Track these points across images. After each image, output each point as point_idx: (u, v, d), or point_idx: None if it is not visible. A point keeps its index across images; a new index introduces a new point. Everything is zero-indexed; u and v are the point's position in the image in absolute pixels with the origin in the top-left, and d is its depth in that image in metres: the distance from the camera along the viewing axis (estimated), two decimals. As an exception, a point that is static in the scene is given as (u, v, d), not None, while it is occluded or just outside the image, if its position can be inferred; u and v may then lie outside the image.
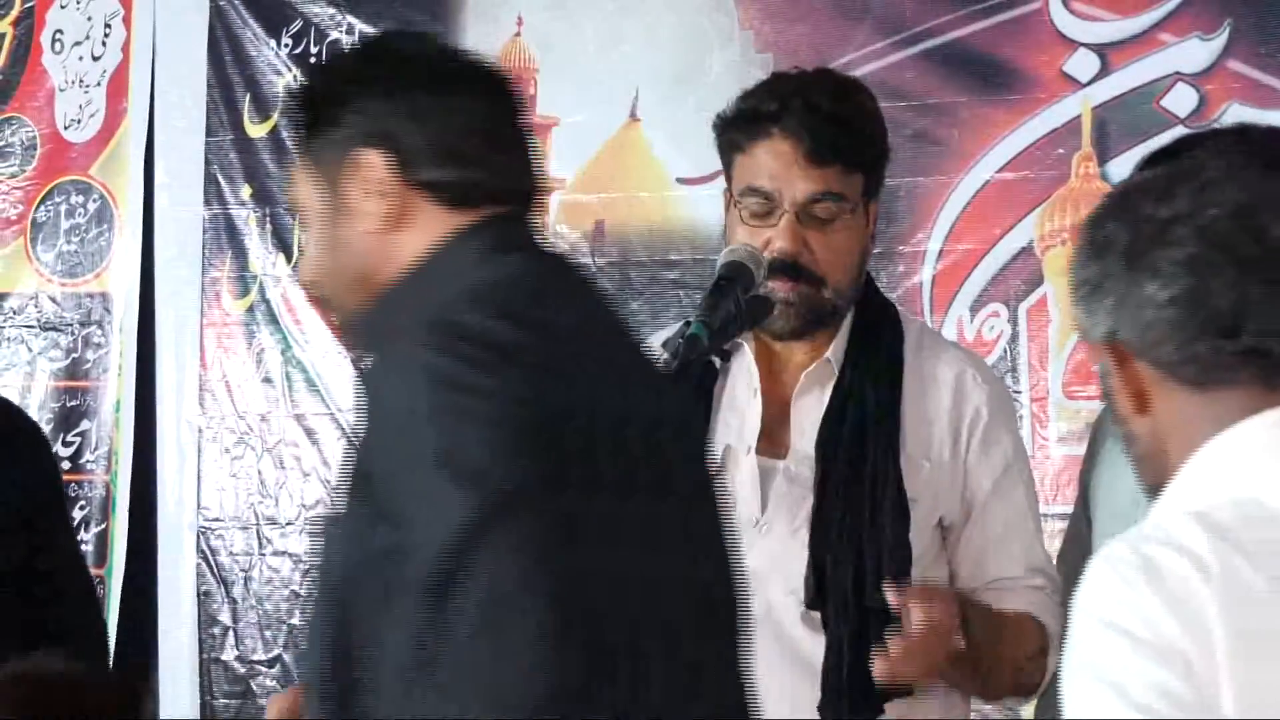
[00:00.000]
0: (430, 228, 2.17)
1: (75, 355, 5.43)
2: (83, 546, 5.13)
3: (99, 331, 5.39)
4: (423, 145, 2.17)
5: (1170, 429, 1.91)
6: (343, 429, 5.14)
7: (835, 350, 2.96)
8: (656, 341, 2.89)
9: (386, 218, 2.18)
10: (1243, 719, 1.72)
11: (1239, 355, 1.88)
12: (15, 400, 5.13)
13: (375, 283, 2.18)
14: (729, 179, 3.00)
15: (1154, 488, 1.94)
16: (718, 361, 2.95)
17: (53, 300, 5.48)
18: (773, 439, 2.96)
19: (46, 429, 5.27)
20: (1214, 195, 1.90)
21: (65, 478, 5.20)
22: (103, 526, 5.30)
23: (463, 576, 1.92)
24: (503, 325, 2.05)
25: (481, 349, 2.01)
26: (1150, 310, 1.88)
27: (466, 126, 2.18)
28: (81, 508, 5.32)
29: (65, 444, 5.36)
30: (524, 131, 2.25)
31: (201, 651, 5.21)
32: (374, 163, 2.17)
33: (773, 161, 2.92)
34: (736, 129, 2.97)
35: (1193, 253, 1.87)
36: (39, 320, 5.49)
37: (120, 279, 5.40)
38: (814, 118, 2.91)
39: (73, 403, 5.41)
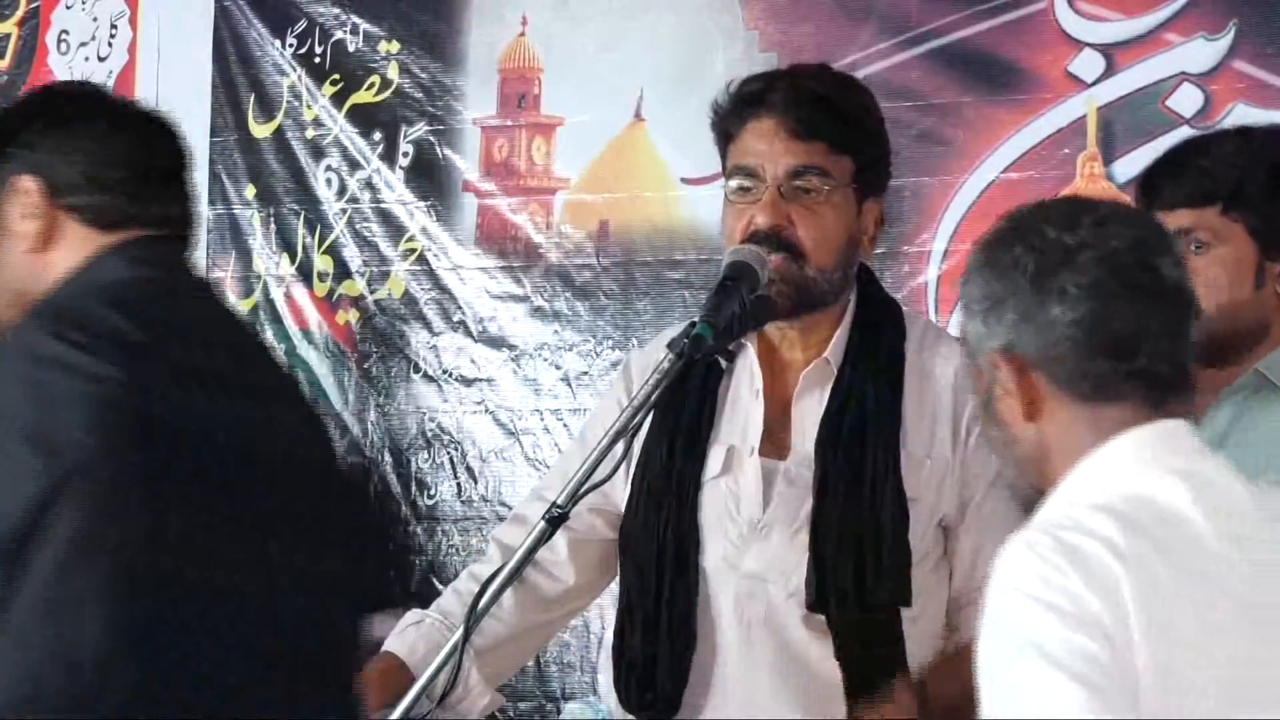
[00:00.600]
0: (79, 246, 2.45)
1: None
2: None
3: None
4: (73, 175, 2.46)
5: (1057, 437, 2.10)
6: (346, 428, 5.12)
7: (834, 350, 2.93)
8: (662, 341, 2.86)
9: (39, 237, 2.46)
10: (1155, 680, 1.92)
11: (1130, 375, 2.09)
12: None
13: (30, 297, 2.43)
14: (724, 171, 2.98)
15: (1032, 488, 2.15)
16: (723, 362, 2.91)
17: (60, 301, 5.45)
18: (775, 440, 2.93)
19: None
20: (1114, 228, 2.11)
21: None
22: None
23: (36, 537, 2.16)
24: (113, 315, 2.30)
25: (85, 333, 2.25)
26: (1055, 329, 2.07)
27: (115, 160, 2.48)
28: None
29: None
30: (180, 167, 2.54)
31: None
32: (29, 188, 2.45)
33: (757, 140, 2.91)
34: (728, 117, 2.95)
35: (1097, 279, 2.07)
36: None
37: None
38: (799, 95, 2.90)
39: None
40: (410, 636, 3.01)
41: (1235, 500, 2.09)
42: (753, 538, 2.89)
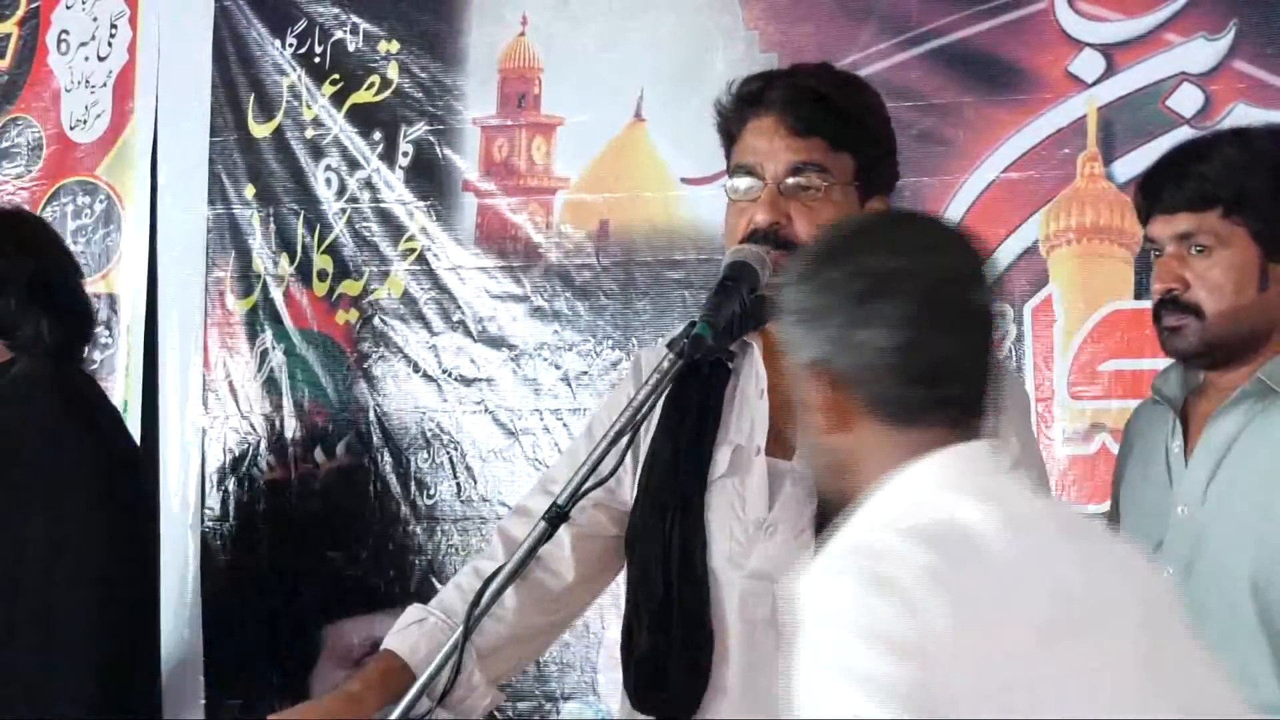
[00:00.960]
0: None
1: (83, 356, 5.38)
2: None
3: (106, 332, 5.34)
4: None
5: (864, 453, 2.17)
6: (345, 428, 5.10)
7: None
8: (664, 343, 2.85)
9: None
10: (969, 701, 1.98)
11: (938, 401, 2.17)
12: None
13: None
14: (729, 171, 2.97)
15: (835, 495, 2.23)
16: (729, 363, 2.91)
17: (60, 300, 5.43)
18: (781, 440, 2.92)
19: (54, 429, 5.24)
20: (935, 256, 2.19)
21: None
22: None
23: None
24: None
25: None
26: (869, 352, 2.13)
27: None
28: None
29: (74, 444, 5.30)
30: None
31: (206, 654, 5.16)
32: None
33: (757, 138, 2.91)
34: (730, 117, 2.95)
35: (916, 308, 2.14)
36: (45, 320, 5.43)
37: (127, 280, 5.35)
38: (797, 93, 2.89)
39: (81, 403, 5.36)
40: (413, 635, 2.99)
41: (1034, 517, 2.17)
42: (758, 537, 2.88)
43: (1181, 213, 3.06)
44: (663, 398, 2.89)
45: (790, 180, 2.87)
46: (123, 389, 5.31)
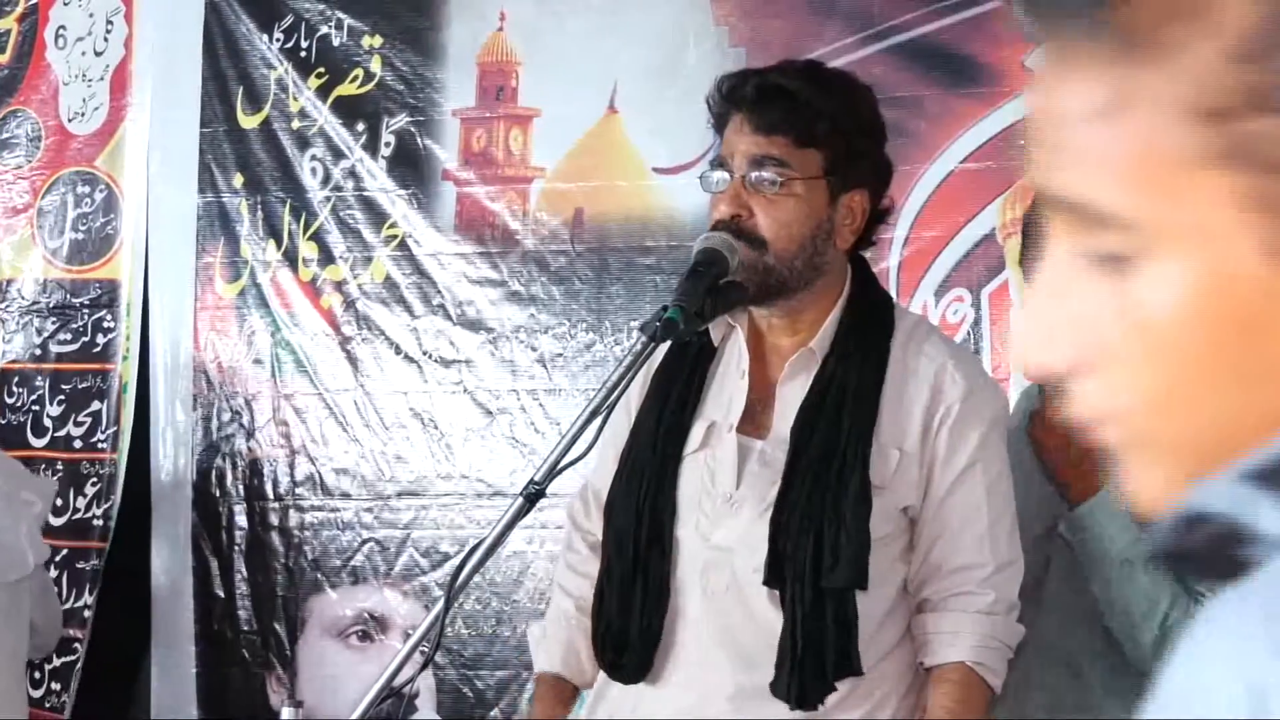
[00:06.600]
0: None
1: (85, 339, 5.33)
2: (95, 522, 5.15)
3: (109, 316, 5.31)
4: None
5: None
6: (330, 408, 5.04)
7: (820, 340, 2.88)
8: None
9: None
10: None
11: None
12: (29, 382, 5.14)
13: None
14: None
15: None
16: (716, 340, 2.91)
17: (61, 286, 5.39)
18: (757, 421, 2.91)
19: (57, 410, 5.19)
20: None
21: (78, 456, 5.13)
22: (110, 502, 5.20)
23: None
24: None
25: None
26: None
27: None
28: (94, 484, 5.20)
29: (77, 424, 5.26)
30: None
31: (196, 625, 5.11)
32: None
33: (730, 133, 2.90)
34: (716, 114, 2.93)
35: None
36: (48, 305, 5.40)
37: (127, 266, 5.30)
38: (764, 91, 2.87)
39: (84, 384, 5.31)
40: (550, 647, 3.00)
41: None
42: (725, 512, 2.85)
43: None
44: (652, 375, 2.91)
45: (752, 175, 2.84)
46: (123, 371, 5.27)
